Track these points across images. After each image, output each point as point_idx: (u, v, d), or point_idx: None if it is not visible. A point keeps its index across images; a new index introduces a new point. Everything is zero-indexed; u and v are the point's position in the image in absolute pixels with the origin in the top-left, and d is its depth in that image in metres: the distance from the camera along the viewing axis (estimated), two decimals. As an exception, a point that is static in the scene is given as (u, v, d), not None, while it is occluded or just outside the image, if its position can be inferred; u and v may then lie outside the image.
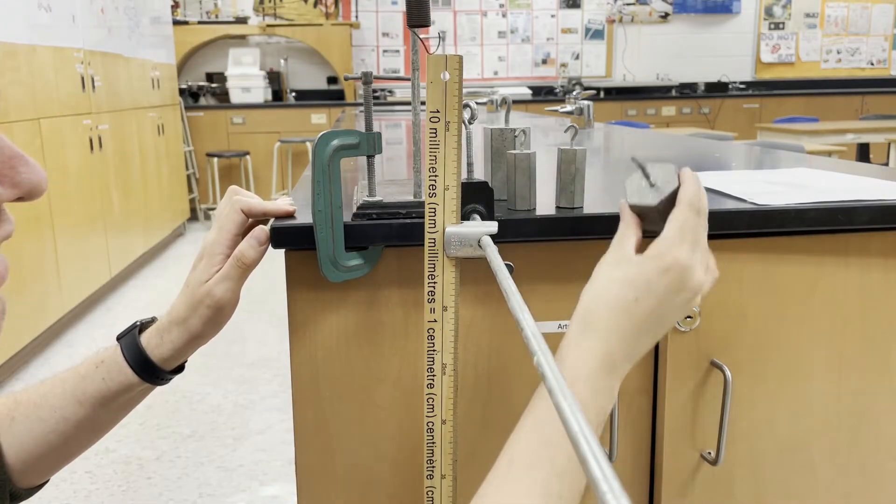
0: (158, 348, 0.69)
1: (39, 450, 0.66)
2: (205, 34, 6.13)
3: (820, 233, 0.79)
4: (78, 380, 0.67)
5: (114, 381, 0.67)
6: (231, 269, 0.68)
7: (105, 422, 0.71)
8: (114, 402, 0.69)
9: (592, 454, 0.32)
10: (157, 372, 0.69)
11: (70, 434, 0.67)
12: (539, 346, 0.41)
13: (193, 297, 0.68)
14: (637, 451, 0.83)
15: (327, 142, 0.66)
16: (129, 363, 0.68)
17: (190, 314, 0.68)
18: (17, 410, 0.67)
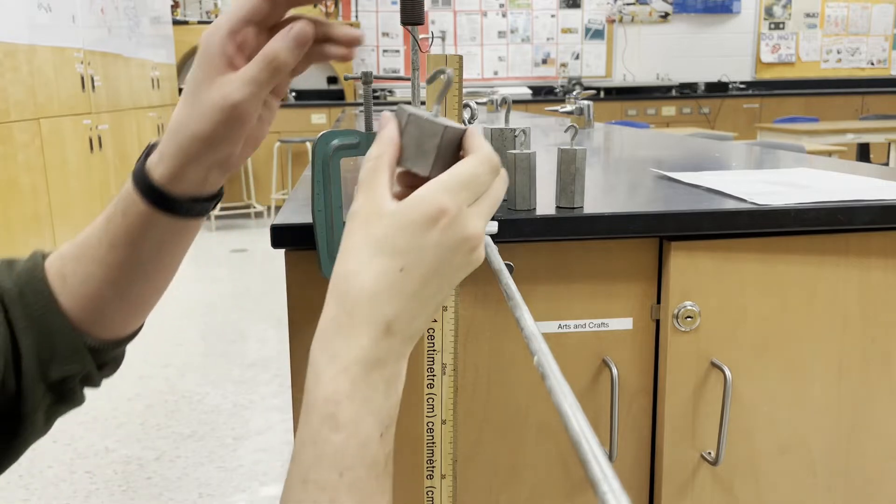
0: (157, 166, 0.56)
1: (102, 303, 0.60)
2: (205, 34, 6.12)
3: (820, 233, 0.79)
4: (105, 223, 0.59)
5: (132, 213, 0.57)
6: (258, 71, 0.52)
7: (154, 263, 0.60)
8: (144, 241, 0.58)
9: (592, 454, 0.32)
10: (166, 198, 0.56)
11: (122, 283, 0.60)
12: (539, 346, 0.41)
13: (197, 99, 0.54)
14: (637, 451, 0.83)
15: (327, 142, 0.66)
16: (136, 185, 0.56)
17: (189, 117, 0.54)
18: (66, 267, 0.60)
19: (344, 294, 0.45)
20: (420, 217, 0.44)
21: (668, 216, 0.76)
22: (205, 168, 0.56)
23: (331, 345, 0.45)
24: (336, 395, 0.44)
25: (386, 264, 0.44)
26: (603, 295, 0.79)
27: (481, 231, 0.46)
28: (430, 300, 0.46)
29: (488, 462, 0.81)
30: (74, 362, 0.60)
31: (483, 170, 0.46)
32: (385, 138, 0.47)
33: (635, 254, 0.79)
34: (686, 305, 0.78)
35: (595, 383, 0.81)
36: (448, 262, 0.45)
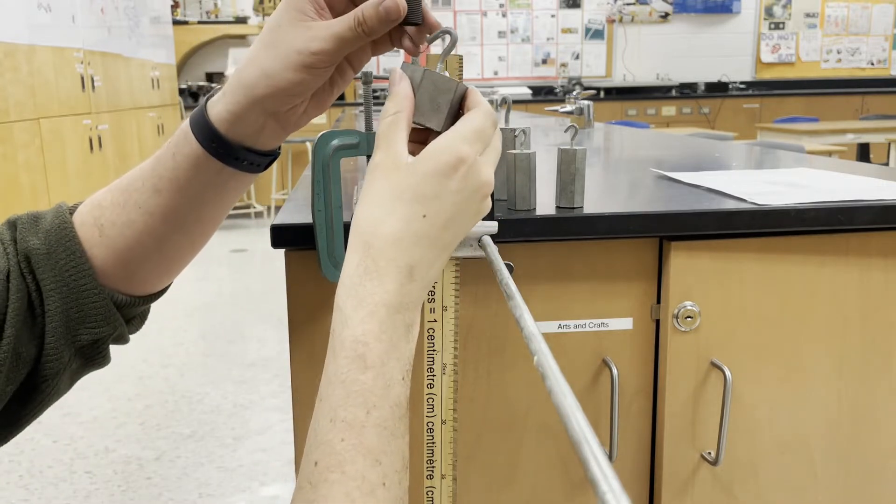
0: (217, 105, 0.55)
1: (137, 255, 0.59)
2: (205, 34, 6.13)
3: (820, 233, 0.79)
4: (154, 164, 0.57)
5: (182, 154, 0.56)
6: (346, 29, 0.52)
7: (191, 215, 0.59)
8: (190, 187, 0.57)
9: (592, 454, 0.32)
10: (220, 139, 0.55)
11: (162, 233, 0.58)
12: (539, 346, 0.41)
13: (278, 38, 0.53)
14: (637, 451, 0.83)
15: (327, 142, 0.66)
16: (193, 128, 0.55)
17: (263, 54, 0.53)
18: (104, 217, 0.58)
19: (369, 240, 0.47)
20: (443, 166, 0.46)
21: (668, 216, 0.76)
22: (265, 114, 0.55)
23: (358, 289, 0.46)
24: (365, 337, 0.45)
25: (410, 210, 0.46)
26: (603, 295, 0.79)
27: (492, 178, 0.49)
28: (447, 247, 0.48)
29: (488, 462, 0.81)
30: (105, 323, 0.59)
31: (489, 122, 0.49)
32: (401, 95, 0.50)
33: (635, 254, 0.79)
34: (686, 305, 0.78)
35: (595, 383, 0.81)
36: (465, 208, 0.48)
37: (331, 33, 0.52)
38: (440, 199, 0.47)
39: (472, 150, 0.48)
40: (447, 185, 0.47)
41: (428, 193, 0.47)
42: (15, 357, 0.55)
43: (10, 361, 0.54)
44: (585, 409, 0.57)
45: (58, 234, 0.58)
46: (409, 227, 0.46)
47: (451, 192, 0.47)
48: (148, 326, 0.70)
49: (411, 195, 0.47)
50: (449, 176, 0.47)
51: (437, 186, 0.47)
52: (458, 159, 0.47)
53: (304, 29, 0.52)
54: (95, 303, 0.58)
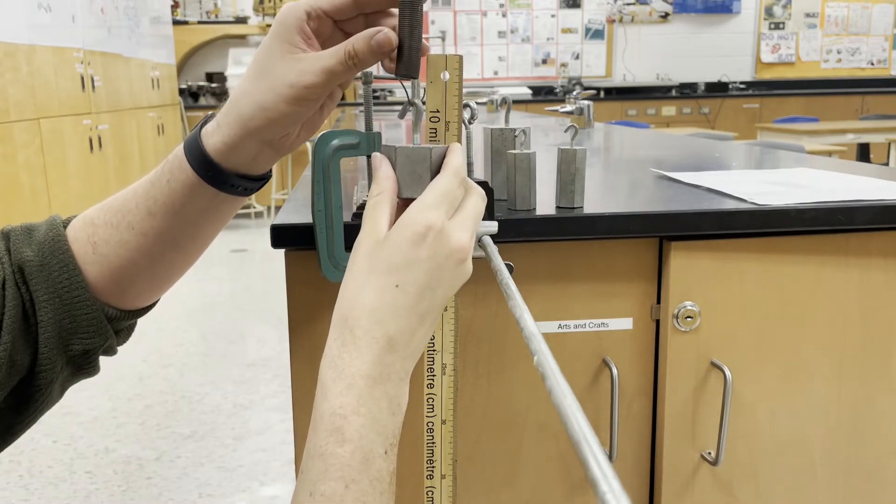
0: (212, 136, 0.56)
1: (130, 273, 0.60)
2: (205, 34, 6.13)
3: (820, 233, 0.79)
4: (147, 187, 0.58)
5: (177, 180, 0.57)
6: (336, 63, 0.52)
7: (184, 236, 0.60)
8: (184, 212, 0.58)
9: (592, 454, 0.32)
10: (215, 168, 0.56)
11: (155, 253, 0.60)
12: (539, 346, 0.41)
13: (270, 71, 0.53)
14: (637, 451, 0.83)
15: (327, 142, 0.66)
16: (188, 156, 0.56)
17: (256, 87, 0.54)
18: (97, 234, 0.59)
19: (346, 313, 0.48)
20: (411, 234, 0.48)
21: (668, 216, 0.76)
22: (259, 143, 0.56)
23: (337, 362, 0.47)
24: (342, 409, 0.45)
25: (383, 282, 0.47)
26: (603, 295, 0.79)
27: (466, 243, 0.49)
28: (426, 315, 0.49)
29: (488, 462, 0.81)
30: (97, 335, 0.59)
31: (454, 182, 0.50)
32: (382, 176, 0.52)
33: (635, 254, 0.79)
34: (686, 305, 0.78)
35: (595, 383, 0.81)
36: (439, 275, 0.48)
37: (322, 67, 0.53)
38: (411, 268, 0.47)
39: (438, 214, 0.48)
40: (417, 253, 0.47)
41: (399, 264, 0.47)
42: (10, 364, 0.55)
43: (5, 367, 0.55)
44: (585, 409, 0.57)
45: (51, 246, 0.59)
46: (383, 298, 0.47)
47: (421, 261, 0.48)
48: (148, 326, 0.70)
49: (384, 267, 0.48)
50: (418, 244, 0.47)
51: (407, 256, 0.47)
52: (425, 227, 0.48)
53: (294, 62, 0.53)
54: (87, 314, 0.59)
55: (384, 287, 0.47)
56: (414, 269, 0.47)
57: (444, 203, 0.49)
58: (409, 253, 0.47)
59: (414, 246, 0.47)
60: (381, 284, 0.47)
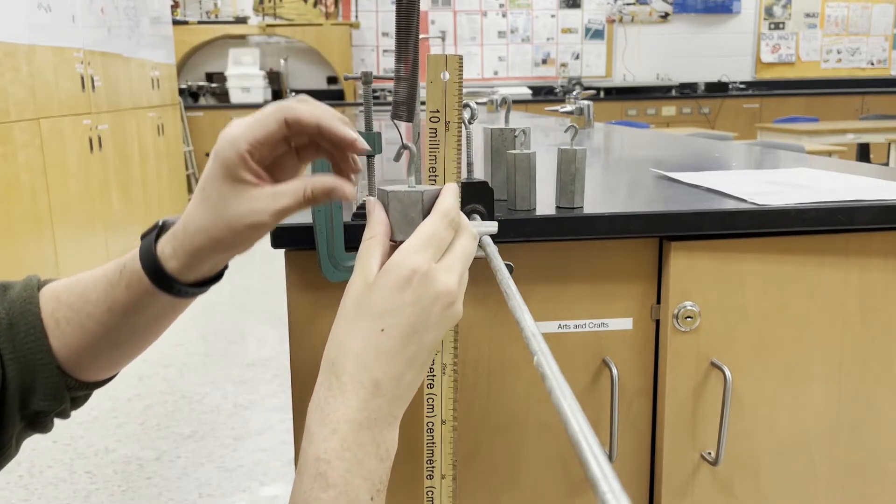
0: (171, 260, 0.56)
1: (89, 353, 0.61)
2: (205, 34, 6.13)
3: (820, 233, 0.79)
4: (107, 286, 0.59)
5: (136, 290, 0.58)
6: (292, 203, 0.53)
7: (147, 329, 0.62)
8: (145, 312, 0.60)
9: (592, 454, 0.32)
10: (175, 285, 0.57)
11: (116, 342, 0.61)
12: (539, 346, 0.41)
13: (221, 208, 0.53)
14: (637, 451, 0.83)
15: (327, 142, 0.66)
16: (146, 272, 0.57)
17: (210, 224, 0.54)
18: (60, 312, 0.60)
19: (333, 357, 0.48)
20: (396, 279, 0.48)
21: (668, 216, 0.76)
22: (217, 262, 0.58)
23: (323, 406, 0.47)
24: (326, 454, 0.45)
25: (368, 326, 0.48)
26: (603, 295, 0.79)
27: (454, 286, 0.49)
28: (413, 359, 0.48)
29: (488, 462, 0.81)
30: (54, 399, 0.61)
31: (441, 225, 0.50)
32: (374, 220, 0.52)
33: (635, 254, 0.79)
34: (686, 305, 0.78)
35: (595, 383, 0.81)
36: (425, 319, 0.48)
37: (277, 209, 0.52)
38: (396, 312, 0.47)
39: (424, 258, 0.48)
40: (402, 297, 0.47)
41: (385, 308, 0.48)
42: None
43: None
44: (585, 409, 0.57)
45: (21, 307, 0.60)
46: (369, 342, 0.47)
47: (407, 305, 0.47)
48: (148, 326, 0.71)
49: (369, 311, 0.48)
50: (403, 289, 0.47)
51: (392, 300, 0.47)
52: (410, 271, 0.47)
53: (248, 199, 0.52)
54: (48, 378, 0.60)
55: (370, 331, 0.48)
56: (399, 313, 0.47)
57: (430, 247, 0.49)
58: (394, 297, 0.47)
59: (399, 290, 0.47)
60: (367, 329, 0.48)
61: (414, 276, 0.47)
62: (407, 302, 0.47)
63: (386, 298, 0.48)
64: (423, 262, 0.48)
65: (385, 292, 0.48)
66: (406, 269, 0.48)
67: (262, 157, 0.53)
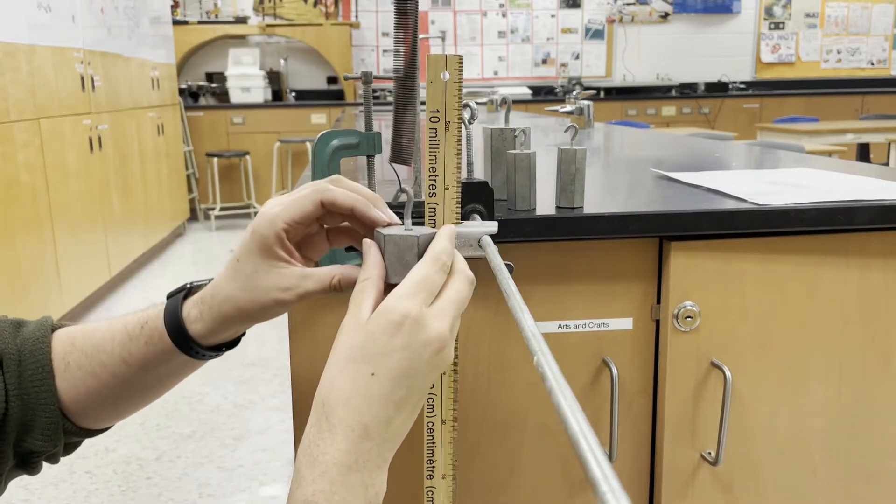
0: (196, 323, 0.59)
1: (94, 400, 0.62)
2: (204, 34, 6.12)
3: (820, 233, 0.79)
4: (126, 339, 0.61)
5: (155, 346, 0.60)
6: (318, 289, 0.55)
7: (157, 385, 0.64)
8: (158, 369, 0.61)
9: (592, 454, 0.32)
10: (195, 347, 0.60)
11: (123, 393, 0.63)
12: (539, 346, 0.41)
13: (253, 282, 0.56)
14: (637, 451, 0.83)
15: (327, 142, 0.66)
16: (169, 332, 0.59)
17: (239, 294, 0.56)
18: (72, 356, 0.62)
19: (324, 399, 0.49)
20: (387, 323, 0.48)
21: (668, 216, 0.76)
22: (238, 329, 0.60)
23: (312, 448, 0.48)
24: (315, 497, 0.45)
25: (358, 370, 0.48)
26: (603, 295, 0.79)
27: (445, 331, 0.49)
28: (403, 403, 0.49)
29: (488, 462, 0.81)
30: (49, 441, 0.61)
31: (433, 269, 0.51)
32: (370, 262, 0.53)
33: (635, 254, 0.79)
34: (686, 305, 0.78)
35: (595, 383, 0.81)
36: (416, 364, 0.48)
37: (305, 292, 0.55)
38: (387, 357, 0.48)
39: (415, 303, 0.49)
40: (393, 342, 0.48)
41: (375, 352, 0.48)
42: None
43: None
44: (585, 409, 0.57)
45: (33, 345, 0.61)
46: (359, 385, 0.48)
47: (397, 349, 0.48)
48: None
49: (361, 354, 0.48)
50: (394, 334, 0.48)
51: (383, 344, 0.48)
52: (401, 316, 0.48)
53: (278, 277, 0.55)
54: (48, 418, 0.61)
55: (360, 375, 0.48)
56: (389, 357, 0.48)
57: (422, 291, 0.49)
58: (384, 342, 0.48)
59: (389, 335, 0.48)
60: (357, 372, 0.48)
61: (405, 321, 0.48)
62: (397, 346, 0.48)
63: (377, 342, 0.48)
64: (414, 306, 0.48)
65: (376, 336, 0.48)
66: (397, 314, 0.48)
67: (295, 235, 0.56)
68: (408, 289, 0.49)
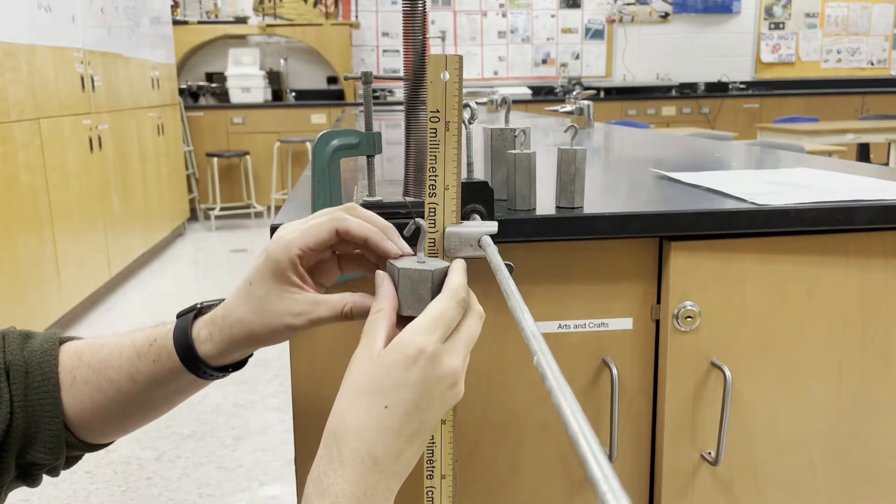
0: (205, 344, 0.59)
1: (99, 415, 0.63)
2: (204, 34, 6.12)
3: (820, 233, 0.79)
4: (134, 356, 0.62)
5: (164, 365, 0.61)
6: (329, 316, 0.56)
7: (162, 402, 0.65)
8: (165, 387, 0.62)
9: (592, 454, 0.32)
10: (203, 367, 0.60)
11: (129, 409, 0.63)
12: (539, 346, 0.41)
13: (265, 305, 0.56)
14: (637, 451, 0.83)
15: (327, 142, 0.66)
16: (178, 351, 0.60)
17: (251, 317, 0.57)
18: (79, 371, 0.62)
19: (335, 430, 0.49)
20: (403, 358, 0.48)
21: (668, 216, 0.76)
22: (246, 351, 0.61)
23: (322, 479, 0.48)
24: None
25: (372, 402, 0.48)
26: (603, 295, 0.79)
27: (459, 367, 0.50)
28: (414, 437, 0.50)
29: (488, 462, 0.81)
30: (51, 454, 0.62)
31: (451, 305, 0.51)
32: (383, 294, 0.53)
33: (635, 254, 0.79)
34: (686, 305, 0.78)
35: (595, 383, 0.81)
36: (428, 398, 0.49)
37: (317, 318, 0.56)
38: (401, 390, 0.48)
39: (432, 339, 0.49)
40: (407, 376, 0.48)
41: (389, 385, 0.48)
42: None
43: None
44: (585, 409, 0.57)
45: (40, 357, 0.62)
46: (371, 417, 0.48)
47: (411, 384, 0.48)
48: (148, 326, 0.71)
49: (374, 387, 0.49)
50: (409, 368, 0.48)
51: (398, 378, 0.48)
52: (417, 350, 0.48)
53: (290, 302, 0.56)
54: (51, 431, 0.61)
55: (373, 407, 0.48)
56: (403, 391, 0.48)
57: (440, 327, 0.50)
58: (399, 375, 0.48)
59: (405, 369, 0.48)
60: (370, 404, 0.48)
61: (421, 356, 0.48)
62: (412, 381, 0.48)
63: (391, 375, 0.48)
64: (430, 342, 0.49)
65: (391, 369, 0.49)
66: (413, 349, 0.48)
67: (308, 261, 0.57)
68: (425, 323, 0.50)
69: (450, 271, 0.54)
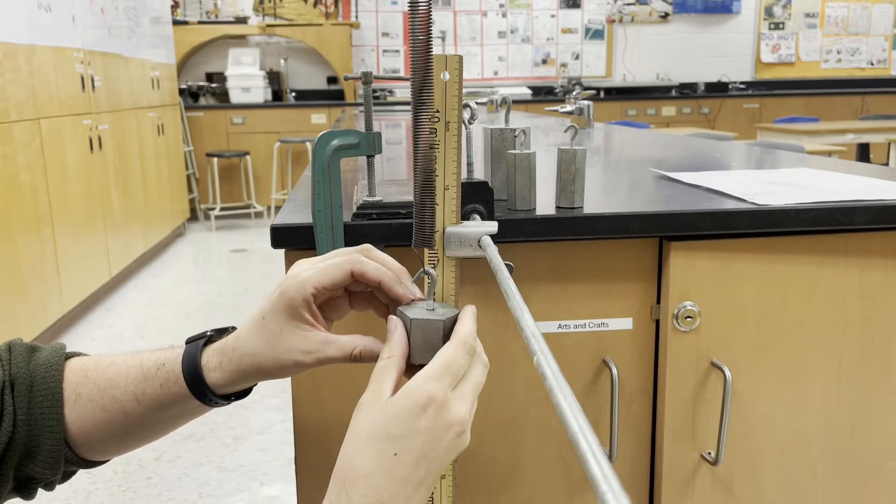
0: (214, 372, 0.60)
1: (101, 434, 0.64)
2: (205, 34, 6.12)
3: (820, 233, 0.79)
4: (140, 378, 0.62)
5: (170, 389, 0.62)
6: (338, 356, 0.57)
7: (164, 425, 0.66)
8: (169, 411, 0.63)
9: (592, 454, 0.32)
10: (209, 394, 0.61)
11: (130, 429, 0.64)
12: (539, 346, 0.41)
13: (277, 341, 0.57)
14: (637, 451, 0.83)
15: (327, 142, 0.66)
16: (186, 377, 0.61)
17: (261, 351, 0.58)
18: (84, 388, 0.63)
19: (342, 478, 0.49)
20: (413, 406, 0.49)
21: (668, 216, 0.76)
22: (254, 381, 0.61)
23: None
24: None
25: (382, 449, 0.49)
26: (603, 295, 0.79)
27: (466, 415, 0.51)
28: (421, 483, 0.50)
29: (488, 462, 0.81)
30: (49, 468, 0.62)
31: (460, 353, 0.52)
32: (394, 340, 0.54)
33: (635, 254, 0.79)
34: (686, 305, 0.78)
35: (595, 383, 0.81)
36: (436, 445, 0.50)
37: (326, 357, 0.56)
38: (410, 438, 0.49)
39: (441, 387, 0.49)
40: (417, 424, 0.49)
41: (399, 433, 0.49)
42: None
43: None
44: (585, 409, 0.57)
45: (45, 372, 0.63)
46: (380, 464, 0.48)
47: (421, 432, 0.49)
48: (149, 326, 0.72)
49: (384, 434, 0.49)
50: (418, 416, 0.49)
51: (407, 426, 0.49)
52: (427, 398, 0.49)
53: (301, 339, 0.57)
54: (52, 446, 0.62)
55: (382, 454, 0.49)
56: (413, 439, 0.49)
57: (449, 375, 0.50)
58: (409, 423, 0.49)
59: (415, 417, 0.49)
60: (380, 451, 0.49)
61: (430, 405, 0.49)
62: (421, 429, 0.49)
63: (401, 423, 0.49)
64: (440, 390, 0.49)
65: (401, 417, 0.49)
66: (423, 397, 0.49)
67: (320, 298, 0.57)
68: (435, 371, 0.50)
69: (460, 318, 0.55)
